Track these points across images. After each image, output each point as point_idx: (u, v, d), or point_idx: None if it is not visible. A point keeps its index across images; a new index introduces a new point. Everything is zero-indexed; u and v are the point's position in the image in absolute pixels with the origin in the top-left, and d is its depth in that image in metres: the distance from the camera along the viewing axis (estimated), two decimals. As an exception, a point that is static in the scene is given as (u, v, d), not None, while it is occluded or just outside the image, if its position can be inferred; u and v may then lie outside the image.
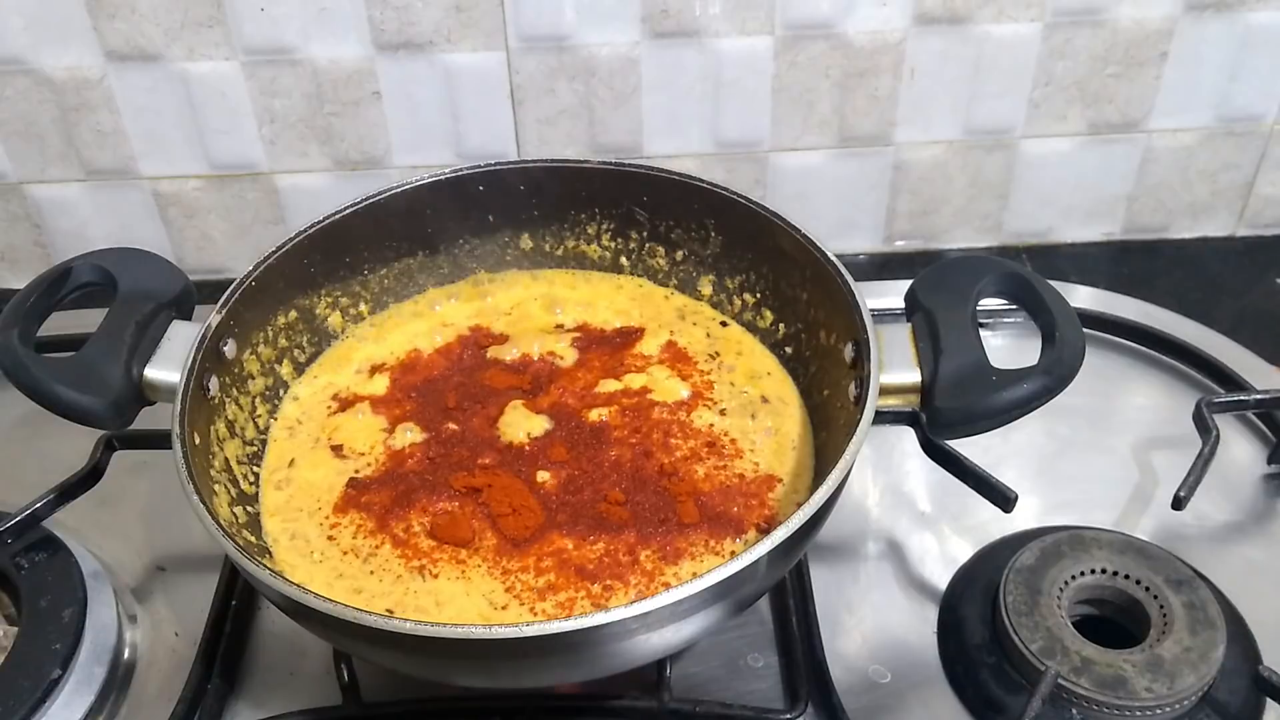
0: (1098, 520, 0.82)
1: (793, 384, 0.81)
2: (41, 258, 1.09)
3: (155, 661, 0.77)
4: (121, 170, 1.04)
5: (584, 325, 0.87)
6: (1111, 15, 0.97)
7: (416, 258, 0.88)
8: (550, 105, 1.01)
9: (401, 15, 0.95)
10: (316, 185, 1.05)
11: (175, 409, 0.68)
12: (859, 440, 0.63)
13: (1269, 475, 0.86)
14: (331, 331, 0.85)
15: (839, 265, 0.74)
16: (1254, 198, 1.10)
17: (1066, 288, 0.97)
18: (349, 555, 0.71)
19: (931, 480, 0.85)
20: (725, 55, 0.98)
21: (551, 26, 0.96)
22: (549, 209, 0.88)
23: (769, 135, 1.03)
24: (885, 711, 0.72)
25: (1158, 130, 1.04)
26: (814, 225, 0.77)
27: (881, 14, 0.96)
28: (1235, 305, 1.05)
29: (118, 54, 0.97)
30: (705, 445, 0.76)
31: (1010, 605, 0.73)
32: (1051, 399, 0.66)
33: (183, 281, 0.76)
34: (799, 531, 0.59)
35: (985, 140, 1.04)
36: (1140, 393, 0.94)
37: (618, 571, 0.68)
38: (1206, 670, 0.69)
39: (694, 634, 0.63)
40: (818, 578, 0.78)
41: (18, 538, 0.78)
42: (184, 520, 0.66)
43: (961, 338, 0.68)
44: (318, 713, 0.72)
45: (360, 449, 0.78)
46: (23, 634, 0.74)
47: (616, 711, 0.72)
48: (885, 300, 0.84)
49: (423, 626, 0.57)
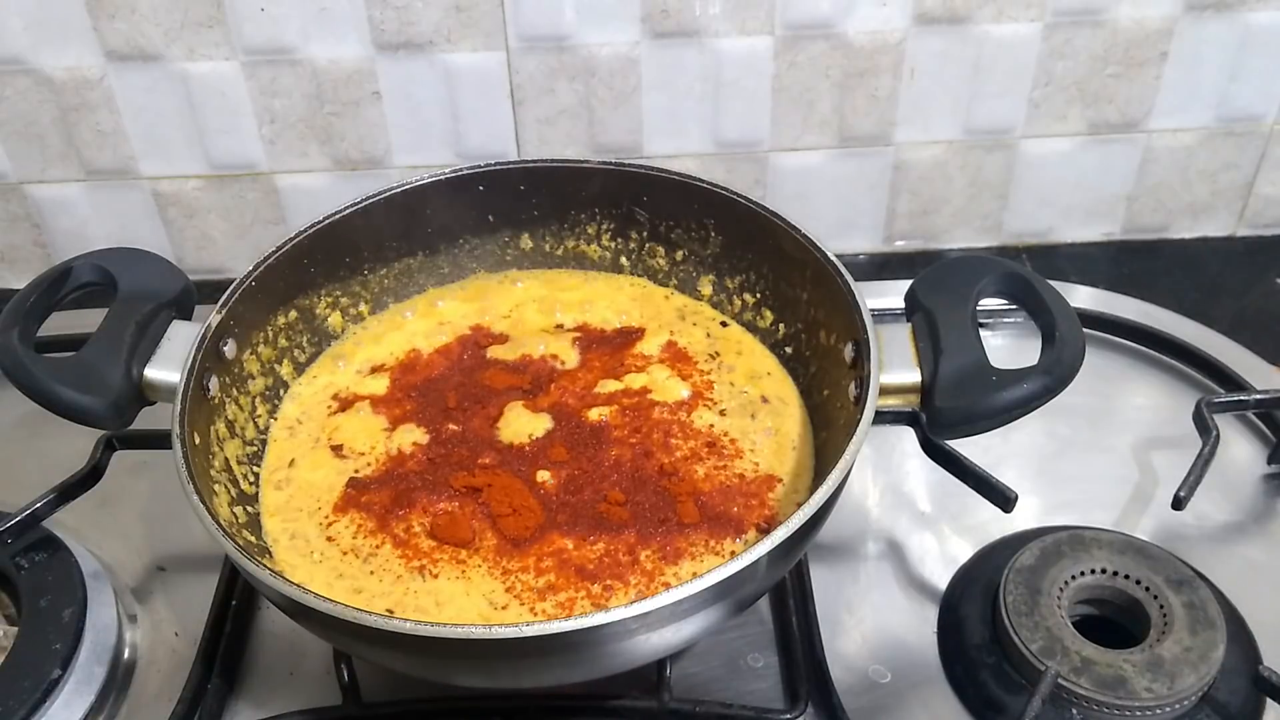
0: (1098, 520, 0.82)
1: (793, 384, 0.81)
2: (41, 258, 1.09)
3: (155, 661, 0.77)
4: (121, 170, 1.04)
5: (584, 325, 0.87)
6: (1111, 15, 0.97)
7: (416, 258, 0.88)
8: (550, 105, 1.01)
9: (401, 15, 0.95)
10: (316, 185, 1.05)
11: (175, 409, 0.68)
12: (859, 440, 0.63)
13: (1269, 475, 0.86)
14: (331, 331, 0.85)
15: (839, 265, 0.74)
16: (1254, 198, 1.10)
17: (1066, 288, 0.97)
18: (349, 555, 0.71)
19: (931, 480, 0.85)
20: (725, 55, 0.98)
21: (551, 26, 0.96)
22: (549, 209, 0.88)
23: (769, 135, 1.03)
24: (885, 711, 0.72)
25: (1158, 130, 1.04)
26: (814, 225, 0.77)
27: (881, 14, 0.96)
28: (1235, 305, 1.05)
29: (118, 54, 0.97)
30: (705, 445, 0.76)
31: (1010, 605, 0.73)
32: (1051, 399, 0.65)
33: (183, 281, 0.76)
34: (799, 531, 0.59)
35: (985, 140, 1.04)
36: (1140, 393, 0.94)
37: (618, 571, 0.68)
38: (1206, 670, 0.69)
39: (694, 634, 0.63)
40: (818, 578, 0.78)
41: (18, 538, 0.78)
42: (184, 520, 0.66)
43: (961, 338, 0.68)
44: (318, 713, 0.72)
45: (360, 449, 0.78)
46: (23, 634, 0.74)
47: (616, 711, 0.72)
48: (885, 300, 0.84)
49: (423, 626, 0.57)
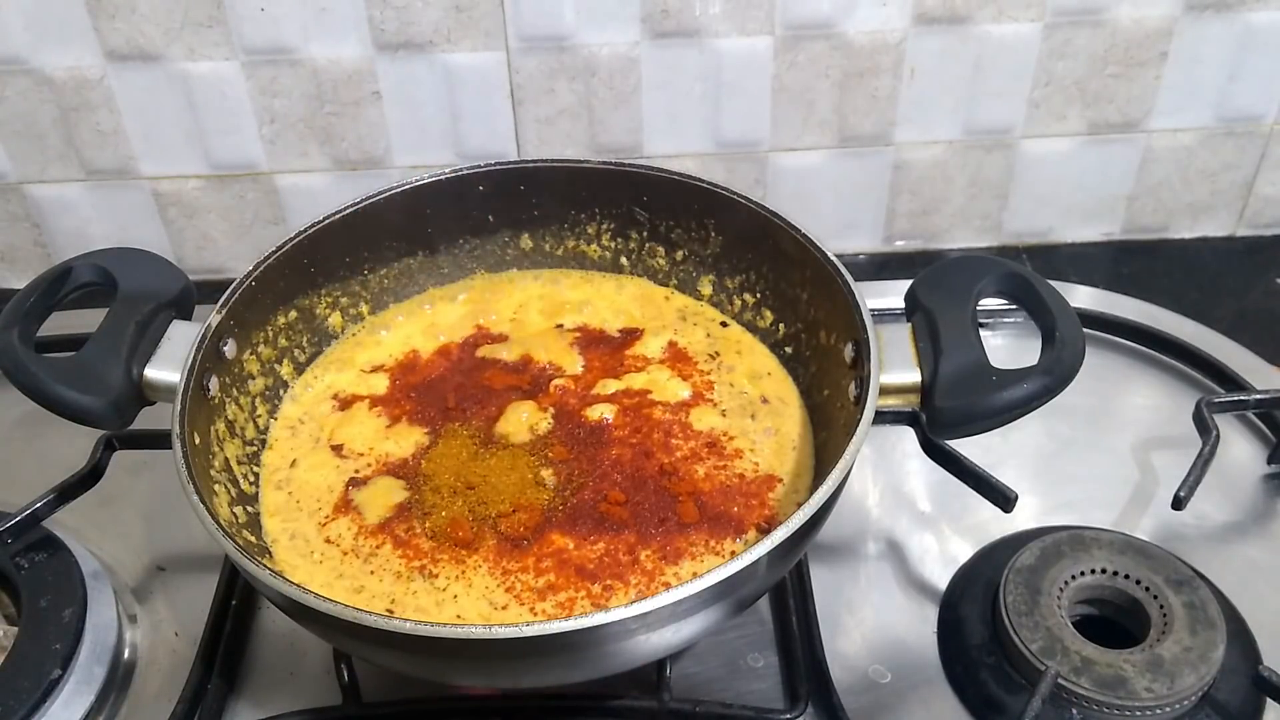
0: (1098, 520, 0.82)
1: (793, 384, 0.81)
2: (41, 258, 1.09)
3: (155, 661, 0.77)
4: (121, 170, 1.04)
5: (584, 325, 0.86)
6: (1111, 15, 0.97)
7: (416, 258, 0.88)
8: (550, 105, 1.01)
9: (401, 15, 0.95)
10: (316, 185, 1.05)
11: (175, 409, 0.68)
12: (859, 440, 0.63)
13: (1269, 475, 0.86)
14: (331, 331, 0.85)
15: (839, 265, 0.74)
16: (1254, 198, 1.10)
17: (1066, 288, 0.97)
18: (349, 555, 0.71)
19: (931, 480, 0.85)
20: (725, 55, 0.98)
21: (551, 26, 0.96)
22: (549, 209, 0.88)
23: (769, 135, 1.03)
24: (885, 711, 0.72)
25: (1158, 130, 1.04)
26: (814, 225, 0.77)
27: (881, 14, 0.96)
28: (1235, 305, 1.05)
29: (118, 54, 0.97)
30: (705, 445, 0.76)
31: (1010, 605, 0.73)
32: (1051, 399, 0.65)
33: (183, 281, 0.76)
34: (799, 531, 0.59)
35: (985, 140, 1.04)
36: (1140, 393, 0.94)
37: (618, 571, 0.68)
38: (1206, 670, 0.69)
39: (694, 634, 0.63)
40: (818, 578, 0.78)
41: (18, 538, 0.78)
42: (184, 520, 0.66)
43: (961, 338, 0.68)
44: (318, 713, 0.72)
45: (360, 449, 0.78)
46: (23, 634, 0.74)
47: (616, 711, 0.72)
48: (885, 300, 0.84)
49: (423, 626, 0.57)
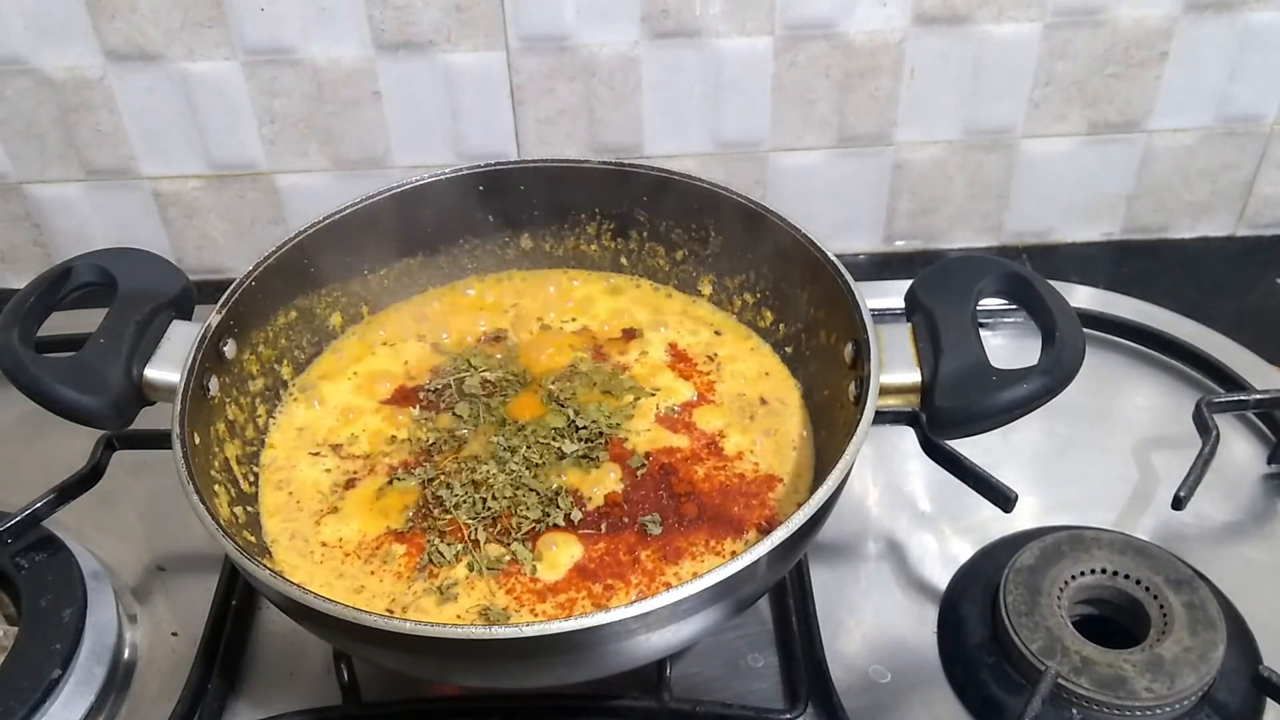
0: (1098, 520, 0.82)
1: (793, 384, 0.81)
2: (41, 258, 1.09)
3: (155, 661, 0.77)
4: (121, 170, 1.04)
5: (584, 325, 0.87)
6: (1111, 15, 0.97)
7: (416, 258, 0.88)
8: (550, 105, 1.01)
9: (401, 15, 0.95)
10: (316, 185, 1.05)
11: (175, 409, 0.68)
12: (859, 440, 0.63)
13: (1269, 475, 0.86)
14: (332, 331, 0.85)
15: (839, 265, 0.74)
16: (1254, 198, 1.10)
17: (1066, 288, 0.96)
18: (349, 555, 0.71)
19: (931, 480, 0.85)
20: (725, 55, 0.98)
21: (551, 26, 0.96)
22: (549, 209, 0.88)
23: (769, 135, 1.03)
24: (885, 711, 0.72)
25: (1158, 130, 1.04)
26: (814, 225, 0.77)
27: (881, 14, 0.96)
28: (1235, 305, 1.05)
29: (118, 54, 0.97)
30: (705, 445, 0.76)
31: (1010, 605, 0.73)
32: (1051, 399, 0.66)
33: (183, 281, 0.76)
34: (799, 531, 0.59)
35: (985, 140, 1.04)
36: (1140, 393, 0.94)
37: (618, 571, 0.68)
38: (1206, 670, 0.69)
39: (694, 634, 0.63)
40: (818, 578, 0.78)
41: (18, 538, 0.78)
42: (184, 520, 0.66)
43: (961, 338, 0.68)
44: (318, 713, 0.72)
45: (360, 449, 0.78)
46: (23, 634, 0.74)
47: (616, 711, 0.72)
48: (885, 300, 0.84)
49: (423, 626, 0.57)
